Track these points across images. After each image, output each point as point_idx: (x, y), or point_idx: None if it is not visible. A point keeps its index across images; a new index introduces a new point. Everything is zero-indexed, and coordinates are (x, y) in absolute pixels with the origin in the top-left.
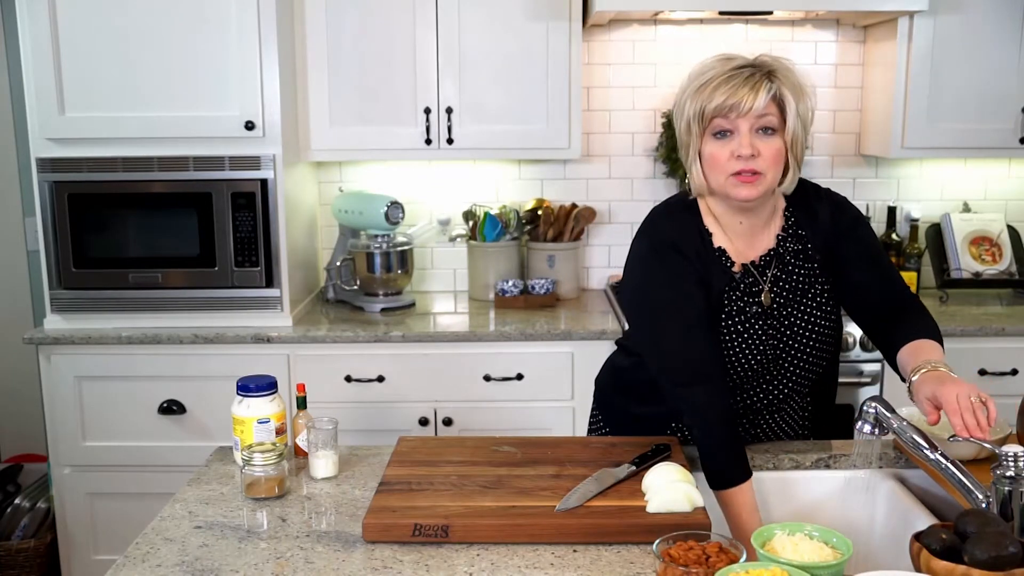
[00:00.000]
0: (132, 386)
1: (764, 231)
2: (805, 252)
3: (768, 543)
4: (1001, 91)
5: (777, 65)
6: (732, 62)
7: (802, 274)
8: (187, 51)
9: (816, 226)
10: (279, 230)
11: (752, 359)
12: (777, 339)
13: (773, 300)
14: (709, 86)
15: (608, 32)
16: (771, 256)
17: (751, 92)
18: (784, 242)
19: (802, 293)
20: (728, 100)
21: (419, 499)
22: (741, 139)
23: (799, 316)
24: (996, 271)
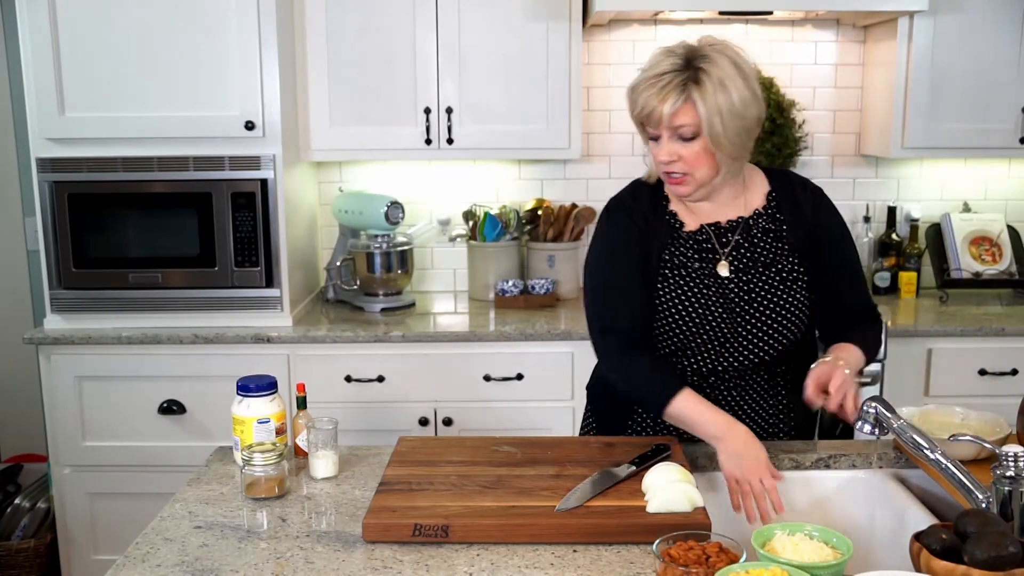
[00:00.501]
0: (132, 386)
1: (733, 203)
2: (778, 233)
3: (768, 543)
4: (1001, 91)
5: (704, 61)
6: (664, 63)
7: (768, 249)
8: (187, 51)
9: (797, 216)
10: (279, 230)
11: (701, 321)
12: (733, 305)
13: (732, 265)
14: (636, 90)
15: (608, 32)
16: (739, 223)
17: (661, 102)
18: (759, 219)
19: (765, 266)
20: (643, 111)
21: (419, 499)
22: (661, 146)
23: (760, 286)
24: (996, 271)
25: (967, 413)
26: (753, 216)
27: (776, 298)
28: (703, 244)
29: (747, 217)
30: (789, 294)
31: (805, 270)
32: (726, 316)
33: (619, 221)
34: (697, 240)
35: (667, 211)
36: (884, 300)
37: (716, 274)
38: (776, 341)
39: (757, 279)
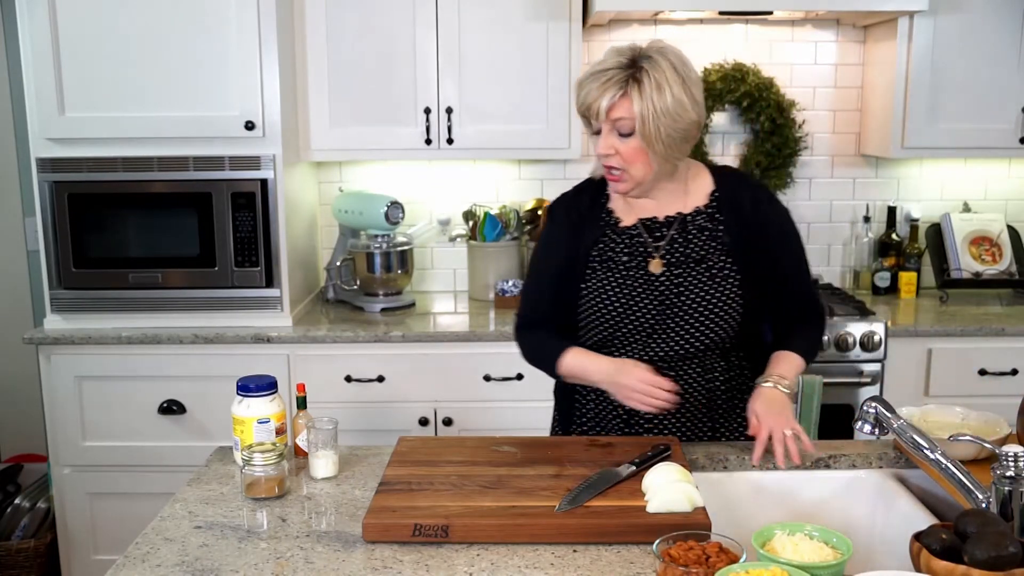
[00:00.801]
0: (132, 386)
1: (674, 201)
2: (714, 232)
3: (768, 543)
4: (1001, 91)
5: (647, 62)
6: (610, 61)
7: (702, 246)
8: (187, 51)
9: (736, 216)
10: (279, 230)
11: (629, 312)
12: (666, 296)
13: (665, 260)
14: (581, 85)
15: (608, 32)
16: (675, 219)
17: (599, 97)
18: (697, 216)
19: (697, 262)
20: (586, 102)
21: (419, 499)
22: (601, 139)
23: (690, 282)
24: (996, 271)
25: (967, 413)
26: (692, 213)
27: (706, 295)
28: (635, 239)
29: (685, 214)
30: (719, 291)
31: (739, 269)
32: (653, 310)
33: (554, 218)
34: (631, 235)
35: (605, 208)
36: (884, 300)
37: (646, 269)
38: (704, 336)
39: (688, 275)
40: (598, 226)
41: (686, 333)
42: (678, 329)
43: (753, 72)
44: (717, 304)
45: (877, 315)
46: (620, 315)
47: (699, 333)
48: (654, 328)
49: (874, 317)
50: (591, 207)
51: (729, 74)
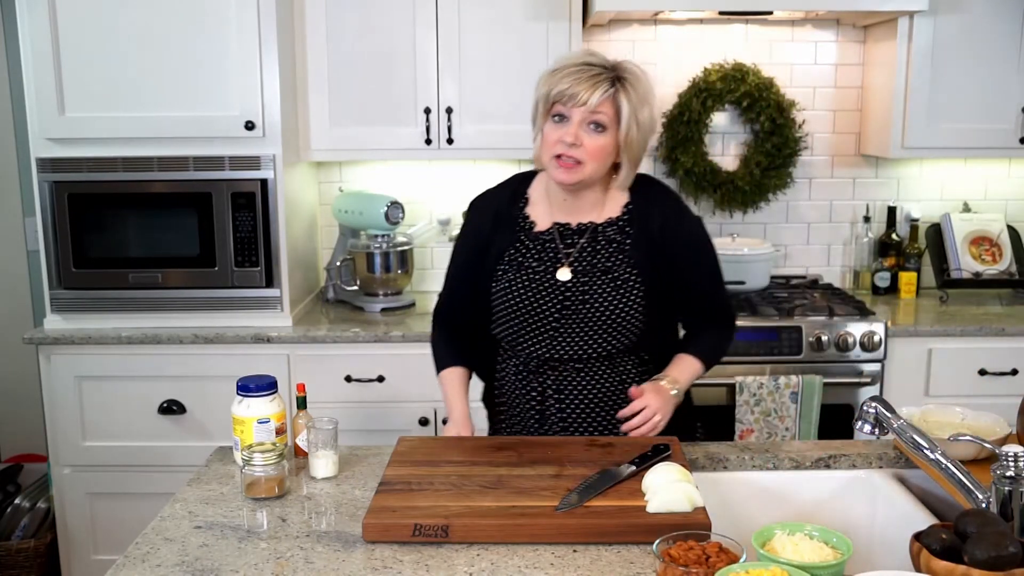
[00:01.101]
0: (132, 386)
1: (591, 209)
2: (622, 244)
3: (768, 543)
4: (1001, 91)
5: (628, 74)
6: (590, 59)
7: (610, 257)
8: (187, 51)
9: (644, 230)
10: (279, 230)
11: (532, 312)
12: (571, 301)
13: (573, 268)
14: (559, 73)
15: (608, 32)
16: (588, 227)
17: (590, 88)
18: (608, 227)
19: (603, 272)
20: (569, 89)
21: (419, 499)
22: (570, 127)
23: (595, 291)
24: (996, 271)
25: (967, 413)
26: (604, 224)
27: (609, 304)
28: (547, 245)
29: (598, 224)
30: (623, 302)
31: (643, 281)
32: (557, 315)
33: (470, 216)
34: (543, 241)
35: (522, 212)
36: (884, 300)
37: (554, 275)
38: (607, 341)
39: (594, 283)
40: (513, 230)
41: (589, 338)
42: (582, 334)
43: (753, 72)
44: (619, 313)
45: (877, 315)
46: (526, 316)
47: (602, 338)
48: (558, 331)
49: (874, 317)
50: (509, 209)
51: (729, 74)
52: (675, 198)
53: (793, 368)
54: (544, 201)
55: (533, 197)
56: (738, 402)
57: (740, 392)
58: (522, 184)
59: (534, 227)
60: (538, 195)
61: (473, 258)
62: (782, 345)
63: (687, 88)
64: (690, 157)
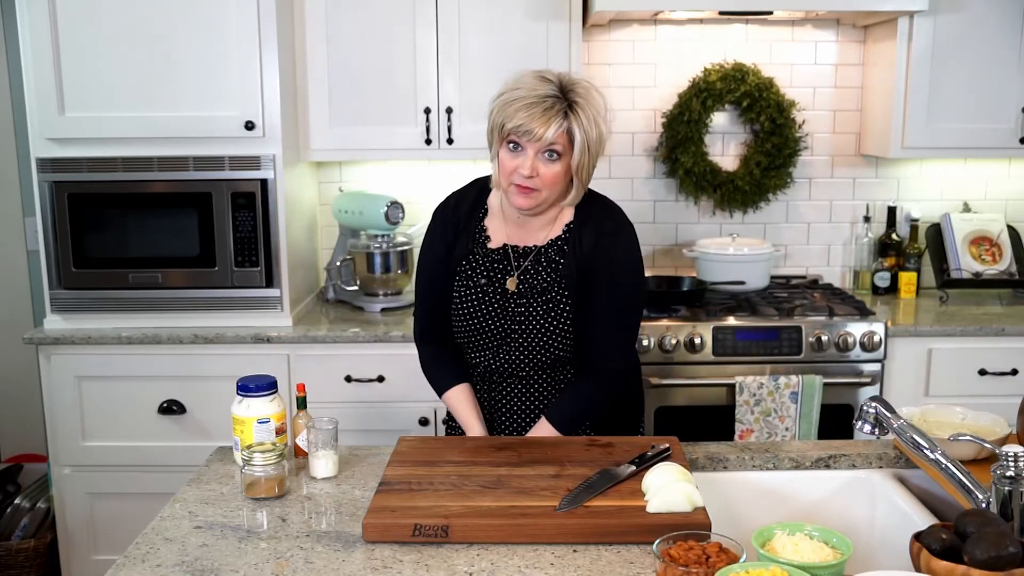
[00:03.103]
0: (132, 386)
1: (541, 231)
2: (557, 265)
3: (768, 543)
4: (1001, 91)
5: (580, 97)
6: (542, 86)
7: (547, 278)
8: (187, 51)
9: (576, 251)
10: (279, 230)
11: (481, 325)
12: (513, 318)
13: (519, 286)
14: (513, 106)
15: (608, 32)
16: (531, 250)
17: (544, 125)
18: (550, 248)
19: (540, 292)
20: (524, 126)
21: (419, 499)
22: (526, 160)
23: (532, 309)
24: (996, 271)
25: (967, 413)
26: (545, 245)
27: (543, 322)
28: (497, 263)
29: (540, 246)
30: (554, 320)
31: (572, 300)
32: (503, 326)
33: (434, 224)
34: (494, 259)
35: (480, 224)
36: (884, 300)
37: (504, 291)
38: (543, 354)
39: (532, 302)
40: (470, 242)
41: (528, 350)
42: (522, 345)
43: (753, 72)
44: (551, 330)
45: (877, 315)
46: (475, 326)
47: (539, 351)
48: (502, 341)
49: (874, 317)
50: (468, 219)
51: (729, 74)
52: (614, 219)
53: (793, 368)
54: (499, 216)
55: (491, 209)
56: (738, 402)
57: (740, 392)
58: (482, 193)
59: (488, 242)
60: (495, 208)
61: (440, 266)
62: (782, 345)
63: (687, 88)
64: (690, 157)
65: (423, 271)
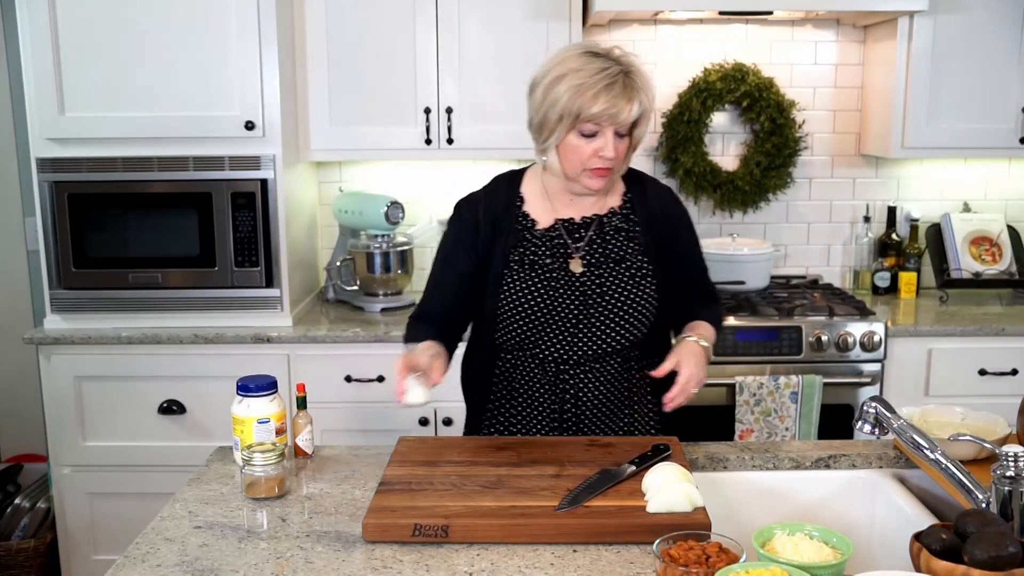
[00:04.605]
0: (132, 386)
1: (594, 202)
2: (630, 232)
3: (768, 543)
4: (1001, 91)
5: (632, 67)
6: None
7: (619, 247)
8: (187, 51)
9: (650, 218)
10: (279, 230)
11: (550, 311)
12: (587, 295)
13: (585, 261)
14: (590, 91)
15: (608, 32)
16: (593, 220)
17: (627, 106)
18: (612, 217)
19: (616, 262)
20: (609, 110)
21: (419, 499)
22: (607, 142)
23: (610, 281)
24: (996, 271)
25: (967, 413)
26: (607, 214)
27: (627, 294)
28: (555, 241)
29: (602, 215)
30: (639, 290)
31: (654, 269)
32: (575, 309)
33: (462, 219)
34: (550, 237)
35: (520, 211)
36: (884, 300)
37: (568, 269)
38: (626, 332)
39: (608, 274)
40: (515, 230)
41: (607, 330)
42: (599, 327)
43: (753, 72)
44: (636, 302)
45: (877, 315)
46: (543, 314)
47: (619, 330)
48: (576, 326)
49: (874, 317)
50: (506, 210)
51: (729, 74)
52: (663, 184)
53: (793, 368)
54: (542, 199)
55: (528, 196)
56: (738, 402)
57: (740, 392)
58: (511, 185)
59: (536, 225)
60: (533, 194)
61: (469, 265)
62: (782, 345)
63: (687, 88)
64: (690, 157)
65: (450, 265)
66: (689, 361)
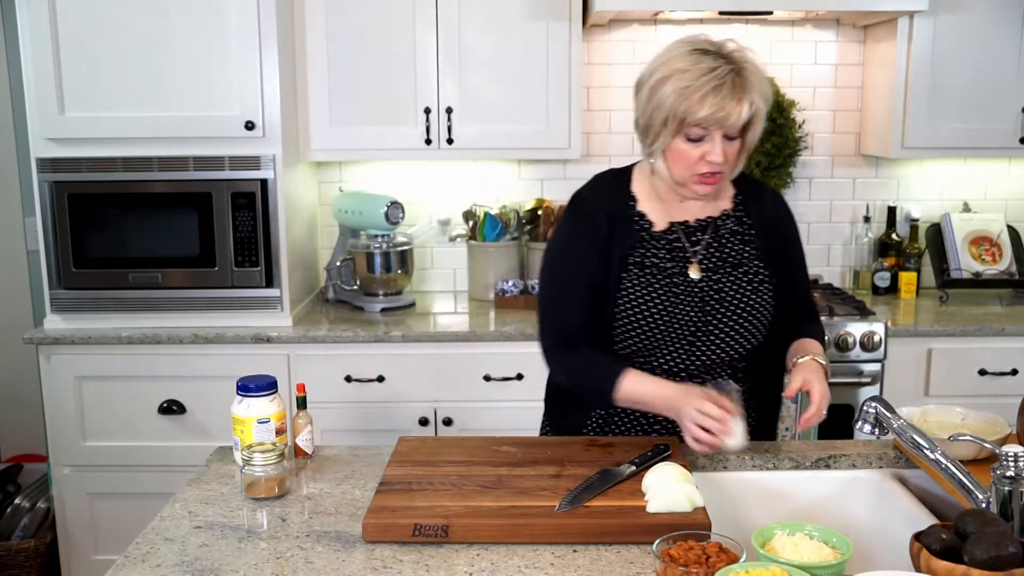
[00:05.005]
0: (132, 386)
1: (707, 205)
2: (744, 235)
3: (768, 543)
4: (1001, 91)
5: (744, 61)
6: (706, 61)
7: (735, 251)
8: (187, 51)
9: (763, 219)
10: (279, 230)
11: (670, 319)
12: (703, 303)
13: (703, 266)
14: (697, 93)
15: (608, 32)
16: (708, 223)
17: (737, 108)
18: (727, 220)
19: (733, 267)
20: (716, 113)
21: (419, 499)
22: (715, 146)
23: (729, 286)
24: (996, 271)
25: (967, 413)
26: (721, 217)
27: (745, 299)
28: (673, 244)
29: (715, 217)
30: (757, 295)
31: (769, 272)
32: (695, 316)
33: (583, 223)
34: (668, 239)
35: (635, 211)
36: (884, 300)
37: (687, 274)
38: (744, 340)
39: (726, 280)
40: (632, 230)
41: (724, 340)
42: (718, 335)
43: None
44: (755, 310)
45: (877, 315)
46: (663, 323)
47: (736, 340)
48: (695, 335)
49: (874, 317)
50: (621, 210)
51: None
52: (773, 189)
53: None
54: (653, 199)
55: (639, 195)
56: None
57: None
58: (620, 183)
59: (653, 226)
60: (644, 194)
61: (593, 271)
62: None
63: None
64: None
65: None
66: (820, 380)
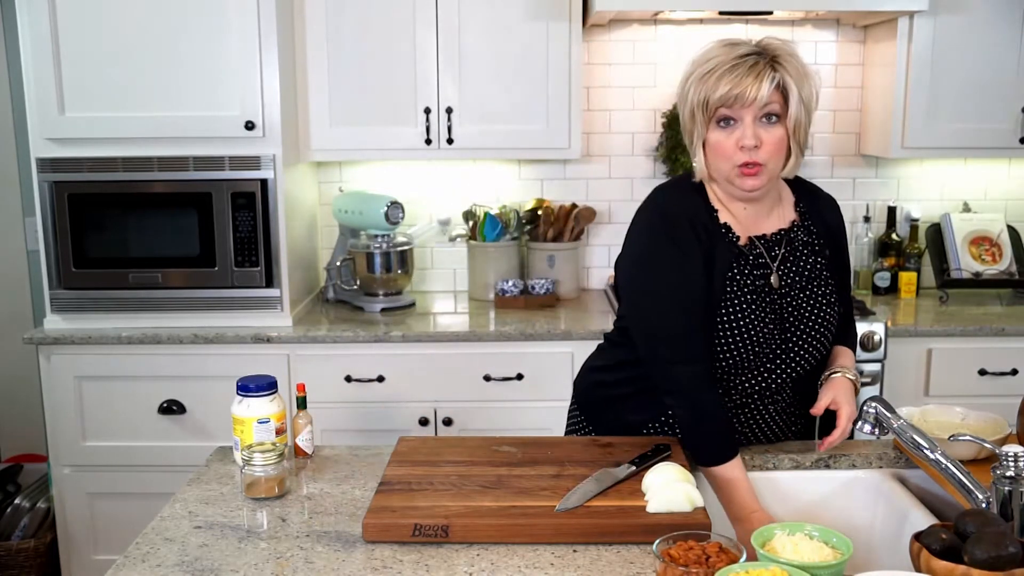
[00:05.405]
0: (132, 386)
1: (768, 217)
2: (813, 245)
3: (768, 543)
4: (1001, 91)
5: (781, 50)
6: (736, 49)
7: (809, 262)
8: (187, 51)
9: (825, 229)
10: (279, 230)
11: (758, 337)
12: (783, 319)
13: (781, 280)
14: (713, 75)
15: (608, 32)
16: (781, 236)
17: (755, 81)
18: (797, 230)
19: (807, 279)
20: (733, 90)
21: (419, 499)
22: (745, 129)
23: (805, 300)
24: (996, 271)
25: (967, 413)
26: (792, 228)
27: (819, 312)
28: (758, 258)
29: (787, 229)
30: (828, 307)
31: (833, 282)
32: (777, 332)
33: (682, 238)
34: (753, 254)
35: (721, 224)
36: (884, 300)
37: (771, 291)
38: (817, 352)
39: (801, 293)
40: (724, 244)
41: (803, 354)
42: (797, 351)
43: None
44: (826, 326)
45: (877, 315)
46: (752, 342)
47: (814, 352)
48: (776, 352)
49: (874, 317)
50: (711, 224)
51: None
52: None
53: None
54: (727, 212)
55: (718, 207)
56: None
57: None
58: (697, 195)
59: (738, 240)
60: (719, 205)
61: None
62: None
63: None
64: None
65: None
66: (848, 401)
